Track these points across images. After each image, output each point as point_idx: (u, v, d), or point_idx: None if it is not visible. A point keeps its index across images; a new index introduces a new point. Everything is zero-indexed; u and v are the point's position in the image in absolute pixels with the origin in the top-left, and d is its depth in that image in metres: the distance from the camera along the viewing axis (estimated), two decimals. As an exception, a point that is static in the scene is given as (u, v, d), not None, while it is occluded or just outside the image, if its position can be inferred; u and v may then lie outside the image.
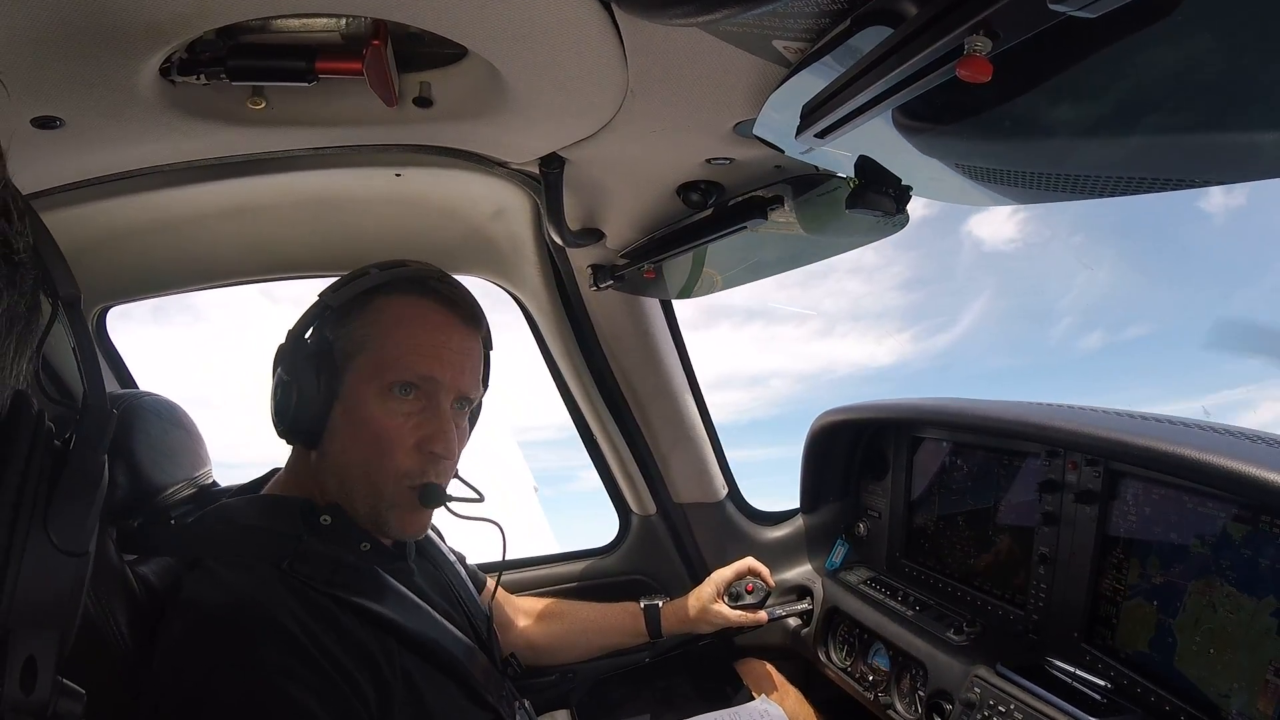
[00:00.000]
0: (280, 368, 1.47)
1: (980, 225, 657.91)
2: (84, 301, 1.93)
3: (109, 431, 0.75)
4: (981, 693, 1.79)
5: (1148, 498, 1.65)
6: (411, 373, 1.45)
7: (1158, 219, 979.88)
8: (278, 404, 1.47)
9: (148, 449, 1.56)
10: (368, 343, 1.46)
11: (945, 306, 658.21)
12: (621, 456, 2.70)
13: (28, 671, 0.63)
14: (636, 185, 1.66)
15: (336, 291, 1.50)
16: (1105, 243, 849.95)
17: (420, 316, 1.49)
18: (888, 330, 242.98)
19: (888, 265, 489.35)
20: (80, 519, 0.68)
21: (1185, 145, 0.86)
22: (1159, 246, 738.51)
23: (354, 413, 1.45)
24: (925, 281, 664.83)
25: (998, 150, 1.02)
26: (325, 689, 1.23)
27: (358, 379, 1.45)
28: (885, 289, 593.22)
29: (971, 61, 0.70)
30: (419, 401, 1.47)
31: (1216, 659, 1.47)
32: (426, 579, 1.65)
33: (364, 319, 1.47)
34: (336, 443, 1.47)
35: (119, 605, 1.35)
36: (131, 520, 1.47)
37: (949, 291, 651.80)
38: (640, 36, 1.05)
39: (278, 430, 1.50)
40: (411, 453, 1.46)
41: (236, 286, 2.29)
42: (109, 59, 1.04)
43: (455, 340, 1.52)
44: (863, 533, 2.67)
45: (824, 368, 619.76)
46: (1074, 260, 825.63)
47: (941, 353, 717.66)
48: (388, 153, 1.57)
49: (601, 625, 2.28)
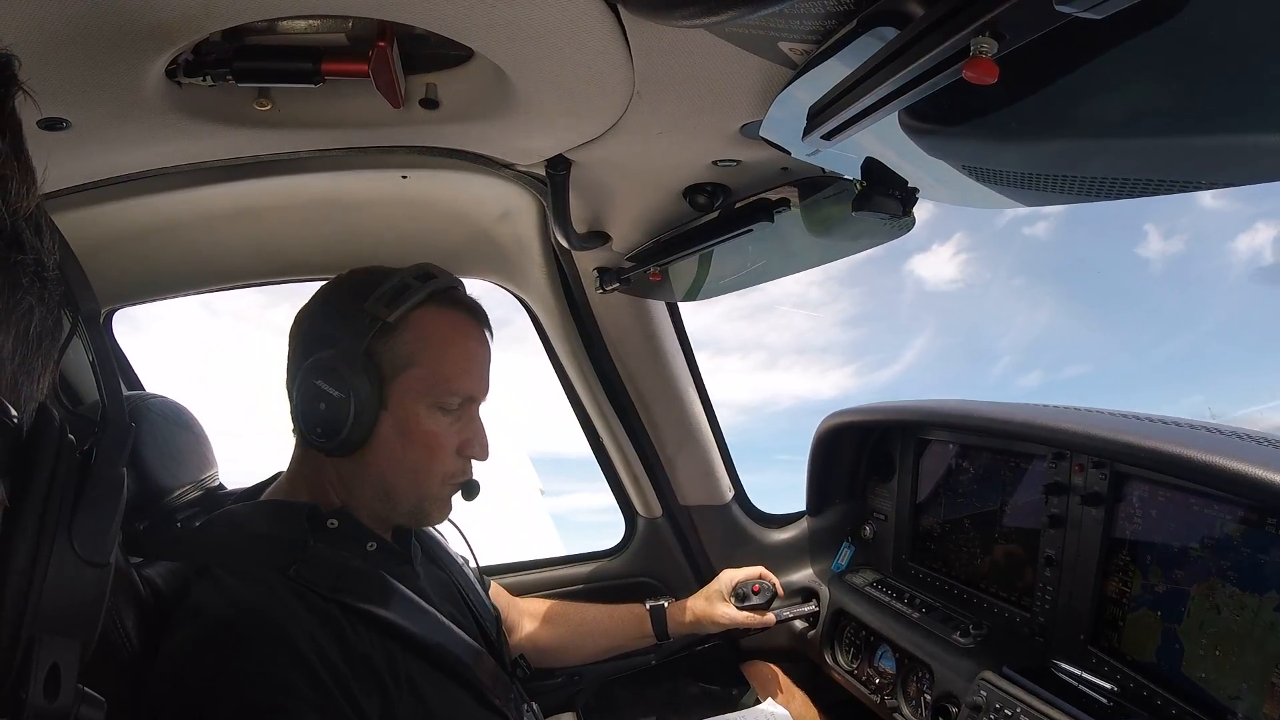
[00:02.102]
0: (322, 380, 1.43)
1: (922, 265, 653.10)
2: (90, 303, 1.90)
3: (129, 443, 0.76)
4: (988, 695, 1.79)
5: (1154, 500, 1.64)
6: (461, 393, 1.53)
7: (1098, 264, 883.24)
8: (325, 416, 1.43)
9: (154, 452, 1.56)
10: (419, 358, 1.48)
11: (887, 343, 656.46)
12: (628, 459, 2.70)
13: (51, 679, 0.64)
14: (642, 187, 1.66)
15: (386, 304, 1.47)
16: (1046, 285, 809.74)
17: (463, 335, 1.56)
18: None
19: (833, 301, 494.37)
20: (103, 530, 0.69)
21: (1194, 147, 0.85)
22: (1098, 290, 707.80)
23: (405, 425, 1.48)
24: (869, 318, 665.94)
25: (1005, 152, 1.01)
26: (325, 705, 1.23)
27: (408, 393, 1.47)
28: (829, 324, 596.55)
29: (978, 63, 0.70)
30: (459, 412, 1.55)
31: (1224, 660, 1.46)
32: (433, 582, 1.66)
33: (412, 333, 1.48)
34: (383, 453, 1.48)
35: (125, 608, 1.35)
36: (138, 523, 1.47)
37: (891, 329, 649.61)
38: (646, 38, 1.05)
39: (311, 439, 1.46)
40: (453, 457, 1.55)
41: (242, 289, 2.29)
42: (115, 61, 1.04)
43: (485, 356, 1.60)
44: (869, 535, 2.67)
45: (767, 399, 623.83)
46: (1014, 302, 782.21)
47: (883, 388, 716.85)
48: (394, 154, 1.57)
49: (607, 627, 2.28)
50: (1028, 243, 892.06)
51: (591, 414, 2.65)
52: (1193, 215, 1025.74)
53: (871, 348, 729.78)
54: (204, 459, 1.73)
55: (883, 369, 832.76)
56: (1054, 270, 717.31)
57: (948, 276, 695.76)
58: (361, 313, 1.46)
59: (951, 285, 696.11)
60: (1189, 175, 0.92)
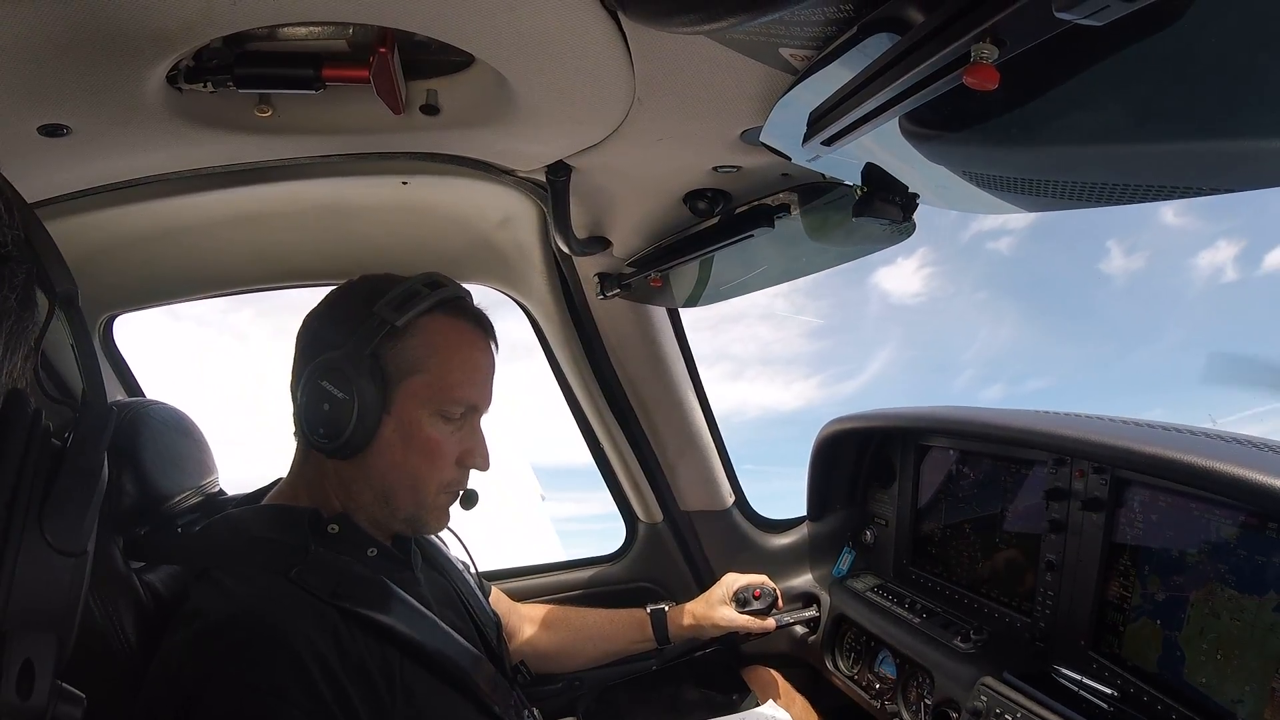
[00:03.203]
0: (327, 380, 1.44)
1: (887, 279, 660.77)
2: (91, 309, 1.92)
3: (108, 429, 0.74)
4: (988, 701, 1.79)
5: (1154, 505, 1.64)
6: (464, 402, 1.53)
7: (1061, 279, 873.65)
8: (329, 416, 1.43)
9: (154, 457, 1.56)
10: (425, 365, 1.49)
11: (852, 355, 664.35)
12: (628, 464, 2.70)
13: (24, 675, 0.62)
14: (643, 193, 1.66)
15: (396, 308, 1.47)
16: (1009, 300, 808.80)
17: (469, 344, 1.55)
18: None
19: (798, 312, 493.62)
20: (77, 518, 0.67)
21: (1194, 153, 0.85)
22: (1060, 305, 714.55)
23: (407, 429, 1.48)
24: (834, 330, 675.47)
25: (1005, 157, 1.02)
26: (316, 711, 1.22)
27: (412, 399, 1.48)
28: (795, 335, 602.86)
29: (978, 69, 0.70)
30: (462, 421, 1.55)
31: (1225, 665, 1.46)
32: (433, 588, 1.65)
33: (419, 339, 1.49)
34: (384, 457, 1.48)
35: (125, 612, 1.35)
36: (138, 528, 1.47)
37: (856, 341, 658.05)
38: (647, 44, 1.05)
39: (313, 440, 1.47)
40: (453, 466, 1.55)
41: (243, 295, 2.29)
42: (116, 67, 1.04)
43: (489, 366, 1.60)
44: (870, 540, 2.66)
45: (734, 409, 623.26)
46: (978, 315, 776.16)
47: (847, 399, 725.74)
48: (394, 161, 1.57)
49: (608, 631, 2.28)
50: (992, 257, 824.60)
51: (592, 419, 2.65)
52: (1155, 232, 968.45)
53: (837, 359, 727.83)
54: (205, 465, 1.72)
55: (848, 380, 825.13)
56: (1018, 285, 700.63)
57: (912, 290, 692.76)
58: (370, 316, 1.46)
59: (916, 299, 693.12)
60: (1190, 181, 0.92)
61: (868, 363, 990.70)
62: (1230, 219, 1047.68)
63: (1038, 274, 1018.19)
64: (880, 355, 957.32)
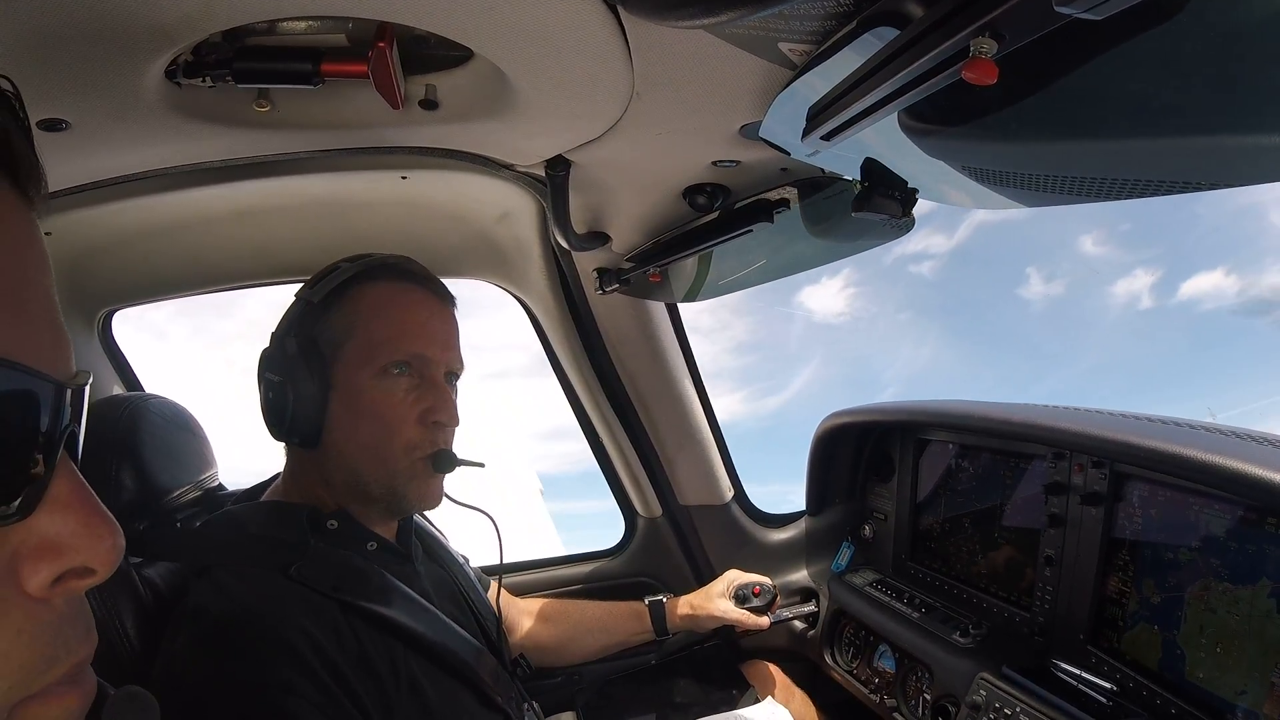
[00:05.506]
0: (268, 371, 1.48)
1: (811, 297, 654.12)
2: (90, 304, 1.92)
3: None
4: (987, 695, 1.79)
5: (1154, 499, 1.64)
6: (403, 351, 1.50)
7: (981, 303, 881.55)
8: (273, 407, 1.47)
9: (153, 452, 1.56)
10: (354, 330, 1.49)
11: (776, 371, 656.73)
12: (627, 459, 2.70)
13: None
14: (642, 188, 1.66)
15: (314, 288, 1.52)
16: (930, 321, 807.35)
17: (401, 298, 1.54)
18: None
19: (724, 329, 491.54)
20: None
21: (1194, 147, 0.85)
22: (980, 328, 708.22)
23: (353, 400, 1.47)
24: (758, 346, 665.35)
25: (1005, 153, 1.01)
26: (328, 704, 1.23)
27: (350, 367, 1.48)
28: (721, 350, 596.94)
29: (977, 64, 0.70)
30: (414, 378, 1.52)
31: (1225, 658, 1.46)
32: (434, 581, 1.66)
33: (345, 309, 1.50)
34: (339, 433, 1.48)
35: (125, 609, 1.35)
36: (137, 523, 1.47)
37: (780, 358, 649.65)
38: (646, 39, 1.04)
39: (275, 434, 1.50)
40: (416, 426, 1.51)
41: (241, 290, 2.29)
42: (115, 62, 1.04)
43: (437, 317, 1.57)
44: (869, 535, 2.67)
45: None
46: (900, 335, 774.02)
47: (770, 414, 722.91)
48: (393, 155, 1.57)
49: (607, 624, 2.28)
50: (914, 280, 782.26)
51: (591, 414, 2.65)
52: (1074, 260, 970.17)
53: (761, 375, 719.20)
54: (204, 459, 1.73)
55: (771, 396, 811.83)
56: (939, 307, 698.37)
57: (836, 309, 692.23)
58: (296, 301, 1.53)
59: (839, 318, 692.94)
60: (1189, 176, 0.92)
61: (792, 379, 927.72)
62: (1147, 248, 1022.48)
63: (959, 297, 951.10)
64: (804, 372, 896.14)
